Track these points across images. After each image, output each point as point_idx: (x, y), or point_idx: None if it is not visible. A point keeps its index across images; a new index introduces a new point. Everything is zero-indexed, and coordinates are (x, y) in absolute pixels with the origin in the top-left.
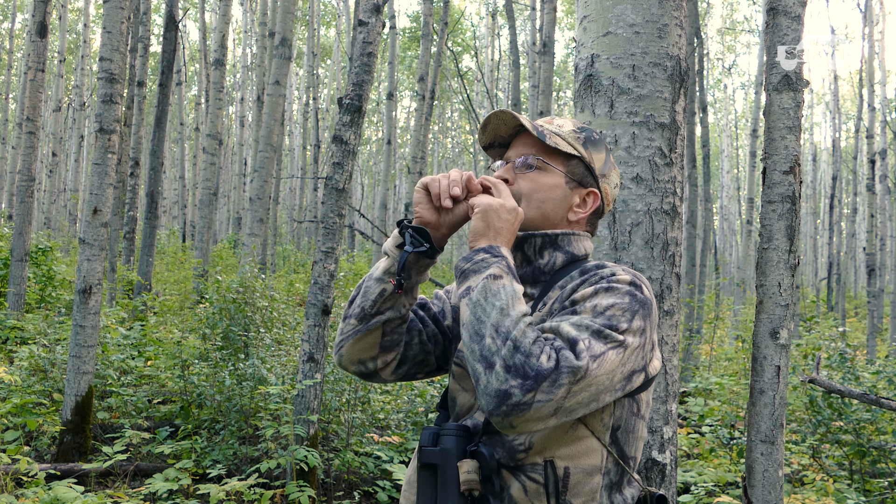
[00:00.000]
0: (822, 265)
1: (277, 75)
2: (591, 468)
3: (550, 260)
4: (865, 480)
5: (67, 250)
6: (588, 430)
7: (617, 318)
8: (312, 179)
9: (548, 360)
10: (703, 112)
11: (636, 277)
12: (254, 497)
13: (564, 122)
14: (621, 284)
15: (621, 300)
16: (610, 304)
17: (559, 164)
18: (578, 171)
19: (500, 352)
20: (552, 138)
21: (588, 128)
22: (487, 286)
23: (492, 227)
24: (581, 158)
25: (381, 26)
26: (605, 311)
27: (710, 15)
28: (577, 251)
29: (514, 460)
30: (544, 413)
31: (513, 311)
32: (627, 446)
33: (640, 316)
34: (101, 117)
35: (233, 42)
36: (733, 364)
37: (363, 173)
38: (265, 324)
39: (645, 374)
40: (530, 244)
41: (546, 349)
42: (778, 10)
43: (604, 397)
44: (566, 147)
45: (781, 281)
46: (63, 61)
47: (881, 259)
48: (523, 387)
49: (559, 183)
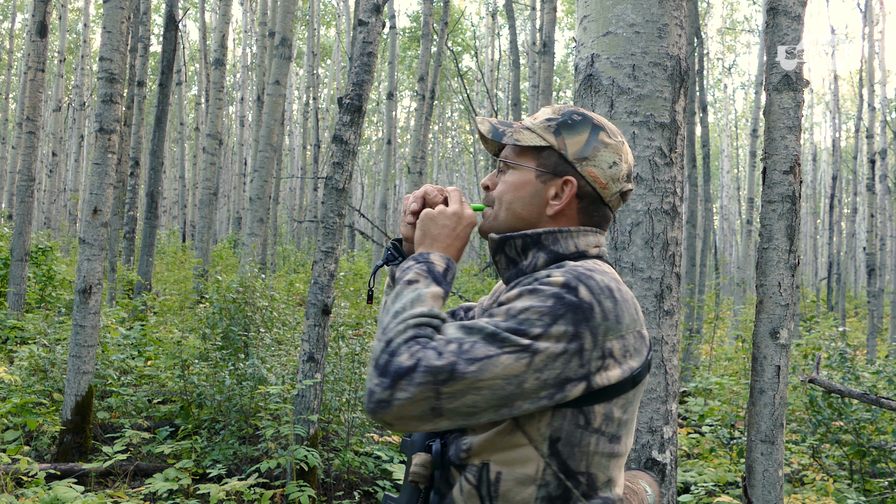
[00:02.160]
0: (822, 265)
1: (277, 75)
2: (524, 477)
3: (533, 260)
4: (865, 480)
5: (67, 250)
6: (526, 438)
7: (529, 321)
8: (312, 179)
9: (408, 358)
10: (703, 112)
11: (578, 279)
12: (254, 497)
13: (544, 112)
14: (550, 287)
15: (541, 303)
16: (525, 308)
17: (530, 159)
18: (550, 161)
19: (376, 351)
20: (515, 135)
21: (570, 110)
22: (399, 291)
23: (427, 234)
24: (551, 147)
25: (381, 26)
26: (519, 314)
27: (710, 15)
28: (564, 249)
29: (458, 459)
30: (414, 412)
31: (405, 312)
32: (572, 461)
33: (566, 321)
34: (101, 117)
35: (233, 42)
36: (733, 364)
37: (363, 173)
38: (265, 324)
39: (587, 383)
40: (511, 246)
41: (413, 349)
42: (778, 10)
43: (519, 404)
44: (531, 140)
45: (781, 281)
46: (63, 61)
47: (881, 259)
48: (382, 384)
49: (528, 179)
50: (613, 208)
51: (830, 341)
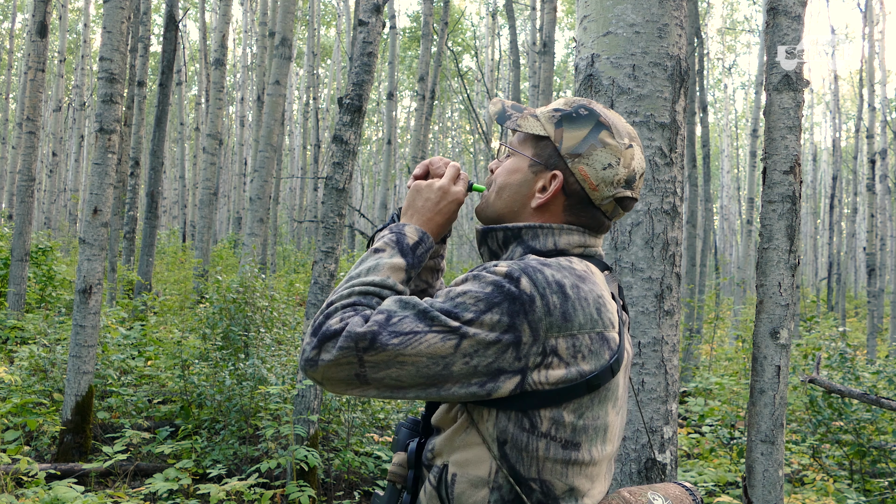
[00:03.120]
0: (822, 265)
1: (277, 75)
2: (477, 479)
3: (511, 254)
4: (865, 480)
5: (67, 250)
6: (479, 437)
7: (464, 305)
8: (312, 179)
9: (337, 322)
10: (703, 112)
11: (523, 271)
12: (254, 497)
13: (557, 102)
14: (492, 275)
15: (479, 289)
16: (463, 292)
17: (529, 147)
18: (546, 153)
19: (318, 312)
20: (520, 120)
21: (583, 103)
22: (363, 258)
23: (412, 206)
24: (549, 139)
25: (381, 26)
26: (456, 297)
27: (711, 15)
28: (542, 246)
29: (427, 459)
30: (338, 375)
31: (357, 279)
32: (521, 465)
33: (501, 310)
34: (102, 117)
35: (233, 42)
36: (733, 364)
37: (363, 173)
38: (265, 324)
39: (522, 377)
40: (493, 238)
41: (346, 314)
42: (778, 10)
43: (449, 386)
44: (531, 128)
45: (782, 281)
46: (63, 61)
47: (881, 259)
48: (311, 344)
49: (521, 167)
50: (607, 213)
51: (830, 341)
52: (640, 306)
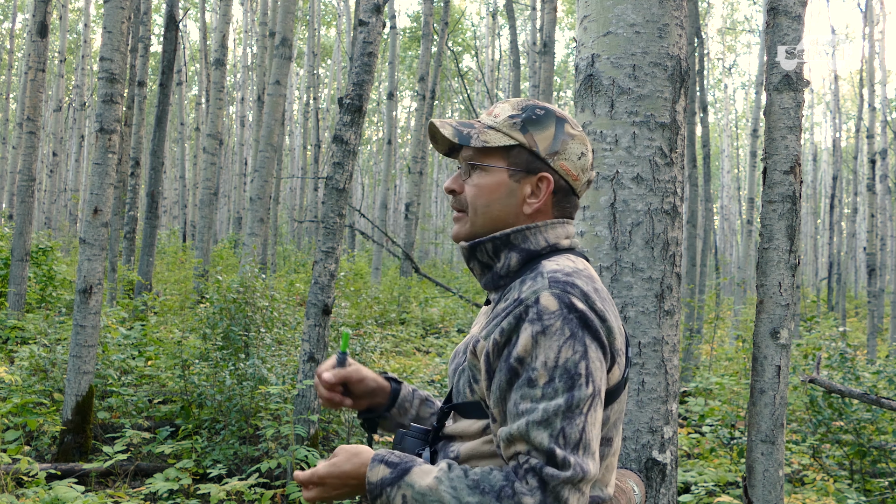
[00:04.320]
0: (822, 265)
1: (278, 75)
2: None
3: (506, 262)
4: (866, 480)
5: (68, 250)
6: None
7: (577, 371)
8: (313, 179)
9: (531, 495)
10: (703, 112)
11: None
12: (254, 497)
13: (503, 109)
14: (552, 318)
15: (566, 343)
16: (560, 358)
17: (498, 159)
18: (521, 159)
19: None
20: (482, 136)
21: (530, 104)
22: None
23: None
24: (521, 145)
25: (381, 26)
26: (557, 367)
27: (711, 15)
28: (535, 245)
29: None
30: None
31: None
32: None
33: (585, 340)
34: (102, 117)
35: (233, 42)
36: (734, 364)
37: (363, 173)
38: (265, 324)
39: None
40: (482, 251)
41: (525, 485)
42: (778, 10)
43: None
44: (499, 140)
45: (782, 281)
46: (63, 61)
47: (881, 259)
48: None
49: (501, 180)
50: (580, 196)
51: (831, 341)
52: (641, 306)
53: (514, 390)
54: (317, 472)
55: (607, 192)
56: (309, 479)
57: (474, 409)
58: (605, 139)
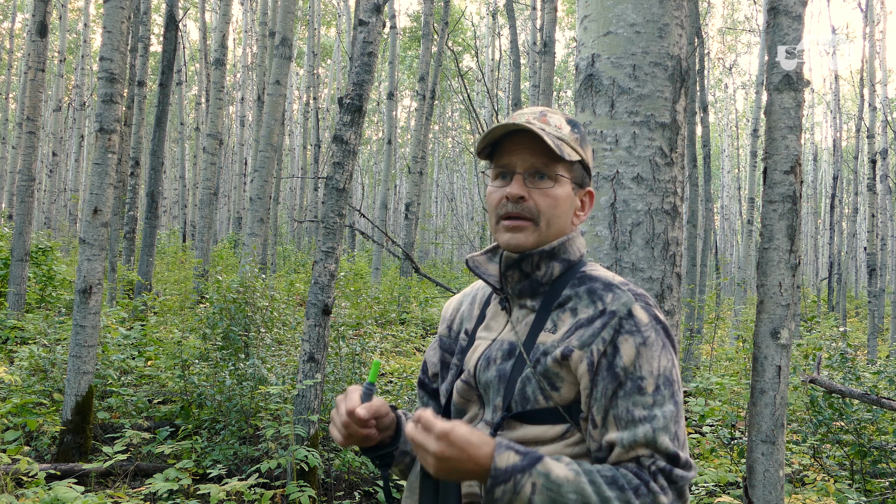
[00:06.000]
0: (822, 265)
1: (278, 75)
2: None
3: (548, 271)
4: (866, 480)
5: (67, 250)
6: None
7: (673, 378)
8: (313, 179)
9: (664, 493)
10: (703, 112)
11: (648, 304)
12: (254, 497)
13: (560, 122)
14: (648, 330)
15: (662, 352)
16: (661, 367)
17: (566, 170)
18: (579, 173)
19: None
20: (563, 148)
21: (574, 120)
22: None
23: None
24: (581, 161)
25: (381, 26)
26: (660, 376)
27: (711, 14)
28: (573, 255)
29: None
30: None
31: (593, 497)
32: None
33: (671, 349)
34: (102, 117)
35: (233, 42)
36: (734, 364)
37: (364, 173)
38: (265, 324)
39: None
40: (528, 262)
41: (657, 485)
42: (779, 10)
43: None
44: (574, 155)
45: (782, 281)
46: (63, 61)
47: (882, 259)
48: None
49: (569, 192)
50: None
51: (831, 341)
52: None
53: (623, 398)
54: (454, 428)
55: (607, 192)
56: (442, 431)
57: (549, 415)
58: (605, 139)
